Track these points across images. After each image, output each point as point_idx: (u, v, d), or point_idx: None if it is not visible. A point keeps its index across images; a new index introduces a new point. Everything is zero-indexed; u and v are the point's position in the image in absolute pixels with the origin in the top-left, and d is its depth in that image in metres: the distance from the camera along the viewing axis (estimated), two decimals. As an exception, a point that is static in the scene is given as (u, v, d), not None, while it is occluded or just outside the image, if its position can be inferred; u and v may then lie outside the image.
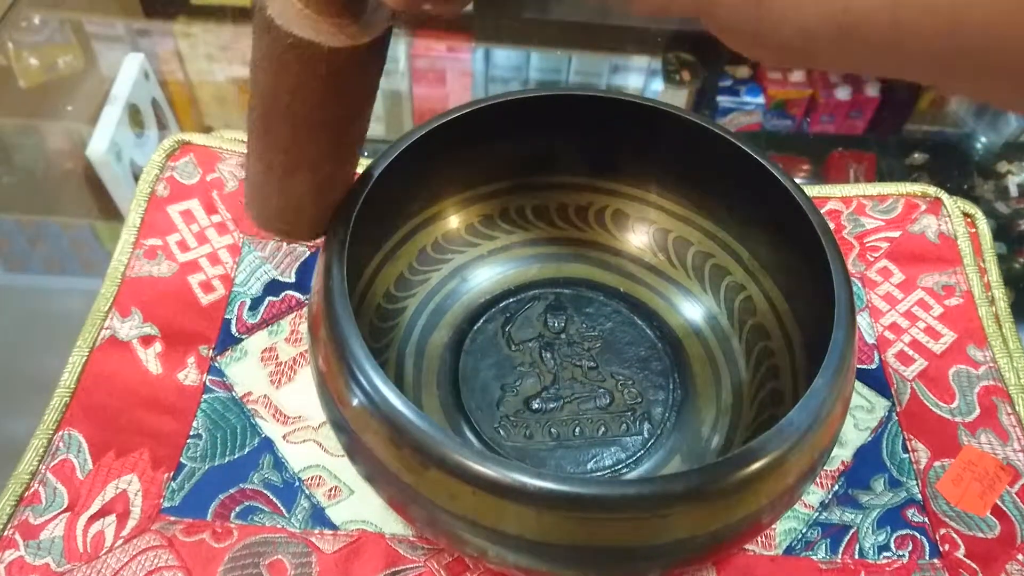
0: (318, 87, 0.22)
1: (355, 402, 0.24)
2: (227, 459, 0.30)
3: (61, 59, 0.64)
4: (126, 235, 0.34)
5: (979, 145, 0.68)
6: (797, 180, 0.30)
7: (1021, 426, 0.32)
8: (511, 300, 0.35)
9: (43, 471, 0.28)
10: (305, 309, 0.34)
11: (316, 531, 0.28)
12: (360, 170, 0.28)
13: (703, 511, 0.23)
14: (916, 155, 0.69)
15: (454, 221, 0.35)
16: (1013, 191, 0.62)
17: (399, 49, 0.81)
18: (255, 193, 0.26)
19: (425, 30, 0.66)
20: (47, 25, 0.66)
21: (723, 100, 0.83)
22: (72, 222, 0.54)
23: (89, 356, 0.31)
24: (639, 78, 0.85)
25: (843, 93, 0.84)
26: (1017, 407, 0.32)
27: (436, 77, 0.67)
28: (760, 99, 0.83)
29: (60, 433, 0.29)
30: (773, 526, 0.29)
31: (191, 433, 0.30)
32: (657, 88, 0.79)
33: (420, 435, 0.22)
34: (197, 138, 0.38)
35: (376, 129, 0.77)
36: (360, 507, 0.29)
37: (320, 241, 0.27)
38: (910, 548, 0.29)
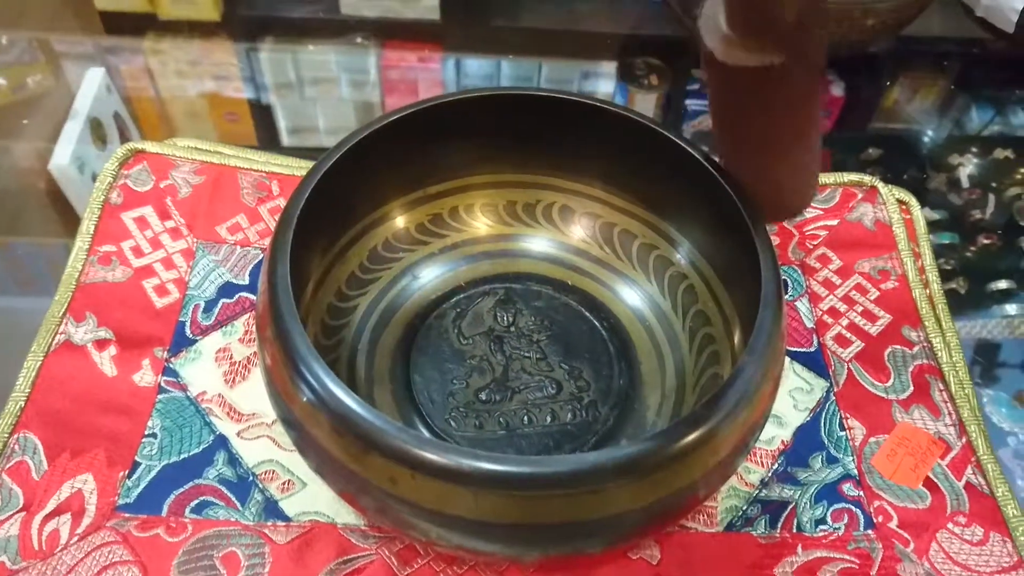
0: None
1: (302, 397, 0.25)
2: (182, 456, 0.30)
3: (30, 78, 0.65)
4: (80, 242, 0.35)
5: (927, 139, 0.70)
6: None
7: (952, 402, 0.33)
8: (462, 296, 0.36)
9: (-2, 473, 0.29)
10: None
11: (269, 523, 0.29)
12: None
13: (637, 485, 0.24)
14: (871, 150, 0.71)
15: (403, 221, 0.36)
16: (964, 182, 0.64)
17: (369, 60, 0.82)
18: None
19: (395, 40, 0.67)
20: (15, 45, 0.66)
21: (691, 103, 0.85)
22: (38, 240, 0.55)
23: (44, 361, 0.32)
24: (609, 83, 0.86)
25: (810, 93, 0.86)
26: (949, 383, 0.33)
27: (408, 88, 0.68)
28: (728, 101, 0.85)
29: (15, 436, 0.30)
30: (715, 504, 0.30)
31: (146, 432, 0.31)
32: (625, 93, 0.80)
33: (360, 423, 0.23)
34: (151, 146, 0.38)
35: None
36: (313, 499, 0.30)
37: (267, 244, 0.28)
38: (846, 521, 0.30)
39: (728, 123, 0.28)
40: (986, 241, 0.57)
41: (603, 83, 0.87)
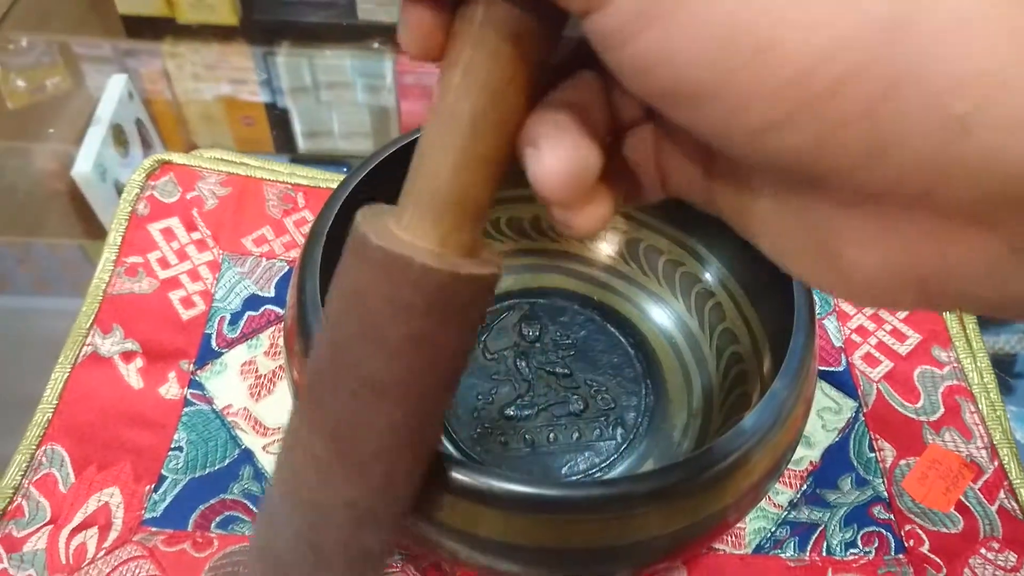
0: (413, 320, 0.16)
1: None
2: (208, 471, 0.30)
3: (49, 80, 0.65)
4: (107, 253, 0.35)
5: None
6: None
7: (984, 424, 0.32)
8: (487, 310, 0.35)
9: (26, 485, 0.29)
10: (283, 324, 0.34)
11: (295, 540, 0.29)
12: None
13: (668, 511, 0.23)
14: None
15: (430, 234, 0.36)
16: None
17: (385, 65, 0.82)
18: None
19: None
20: (35, 47, 0.67)
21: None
22: (59, 242, 0.55)
23: (71, 372, 0.32)
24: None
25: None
26: (980, 405, 0.33)
27: (423, 92, 0.68)
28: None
29: (43, 448, 0.30)
30: (743, 526, 0.30)
31: (172, 446, 0.31)
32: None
33: (390, 442, 0.23)
34: (177, 157, 0.38)
35: (363, 145, 0.78)
36: (338, 515, 0.30)
37: (295, 257, 0.28)
38: (876, 544, 0.30)
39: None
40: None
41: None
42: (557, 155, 0.14)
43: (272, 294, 0.36)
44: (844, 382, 0.34)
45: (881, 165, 0.10)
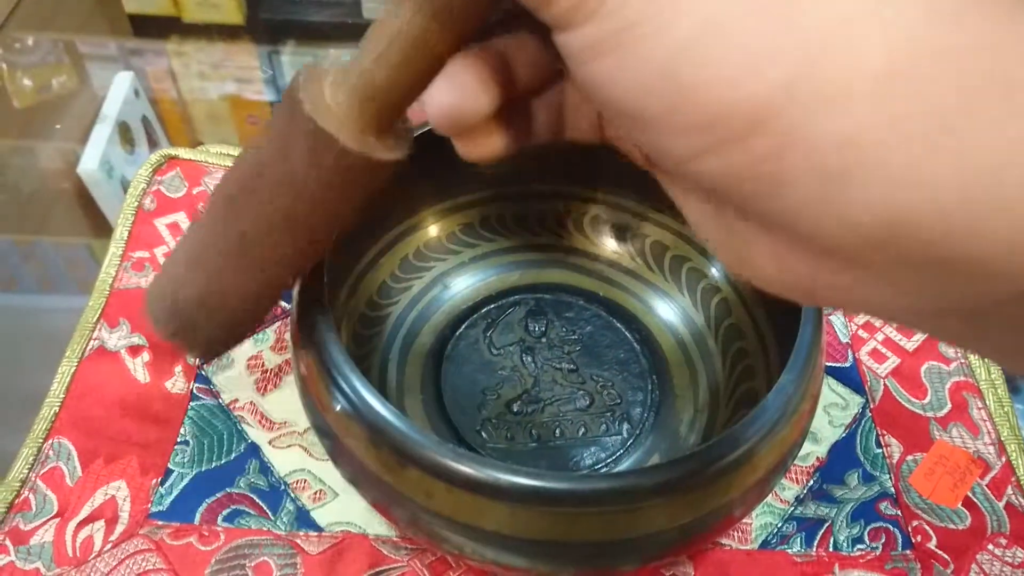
0: (327, 182, 0.20)
1: (336, 407, 0.24)
2: (214, 464, 0.30)
3: (55, 79, 0.65)
4: (114, 248, 0.35)
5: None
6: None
7: (991, 420, 0.32)
8: (492, 306, 0.35)
9: (33, 479, 0.29)
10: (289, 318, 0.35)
11: (301, 533, 0.29)
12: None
13: (675, 504, 0.23)
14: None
15: (435, 230, 0.36)
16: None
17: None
18: (168, 281, 0.23)
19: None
20: (40, 46, 0.67)
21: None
22: (66, 240, 0.55)
23: (78, 366, 0.32)
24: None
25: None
26: (987, 401, 0.33)
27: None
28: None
29: (50, 442, 0.30)
30: (749, 521, 0.30)
31: (179, 440, 0.31)
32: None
33: (397, 435, 0.23)
34: (184, 152, 0.38)
35: (367, 144, 0.78)
36: (344, 509, 0.30)
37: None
38: (883, 540, 0.30)
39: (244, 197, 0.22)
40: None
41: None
42: (443, 93, 0.17)
43: (278, 289, 0.36)
44: (851, 378, 0.34)
45: (779, 201, 0.12)
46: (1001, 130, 0.10)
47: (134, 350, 0.33)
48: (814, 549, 0.29)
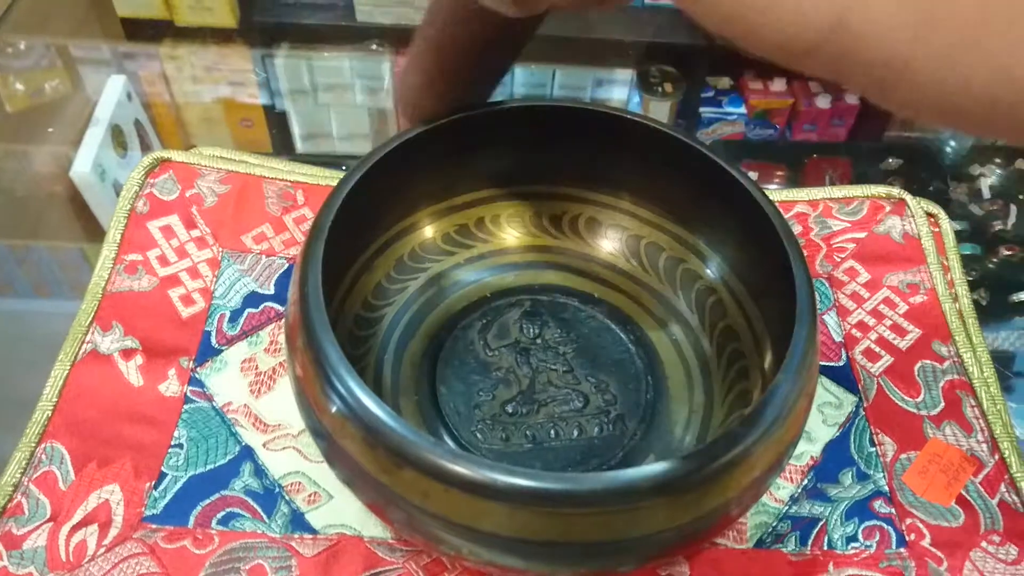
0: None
1: (332, 408, 0.24)
2: (208, 467, 0.30)
3: (48, 83, 0.65)
4: (106, 251, 0.35)
5: (950, 149, 0.70)
6: (773, 186, 0.31)
7: (984, 418, 0.33)
8: (488, 307, 0.35)
9: (25, 483, 0.29)
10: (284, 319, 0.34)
11: (296, 536, 0.29)
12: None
13: (672, 505, 0.23)
14: (891, 160, 0.70)
15: (430, 231, 0.36)
16: (985, 193, 0.63)
17: (383, 67, 0.82)
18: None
19: (409, 47, 0.67)
20: (33, 50, 0.67)
21: (706, 111, 0.85)
22: (59, 244, 0.55)
23: (70, 370, 0.32)
24: (623, 90, 0.85)
25: (823, 101, 0.85)
26: (980, 399, 0.33)
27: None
28: (742, 109, 0.85)
29: (42, 446, 0.30)
30: (744, 520, 0.30)
31: (172, 443, 0.31)
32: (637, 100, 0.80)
33: (393, 436, 0.23)
34: (176, 155, 0.38)
35: (361, 147, 0.78)
36: (339, 511, 0.30)
37: (297, 255, 0.28)
38: (877, 539, 0.30)
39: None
40: (1008, 252, 0.57)
41: (617, 90, 0.86)
42: None
43: (272, 291, 0.36)
44: (845, 377, 0.34)
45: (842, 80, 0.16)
46: None
47: (127, 353, 0.33)
48: (809, 548, 0.29)
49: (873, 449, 0.32)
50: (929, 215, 0.39)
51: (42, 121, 0.59)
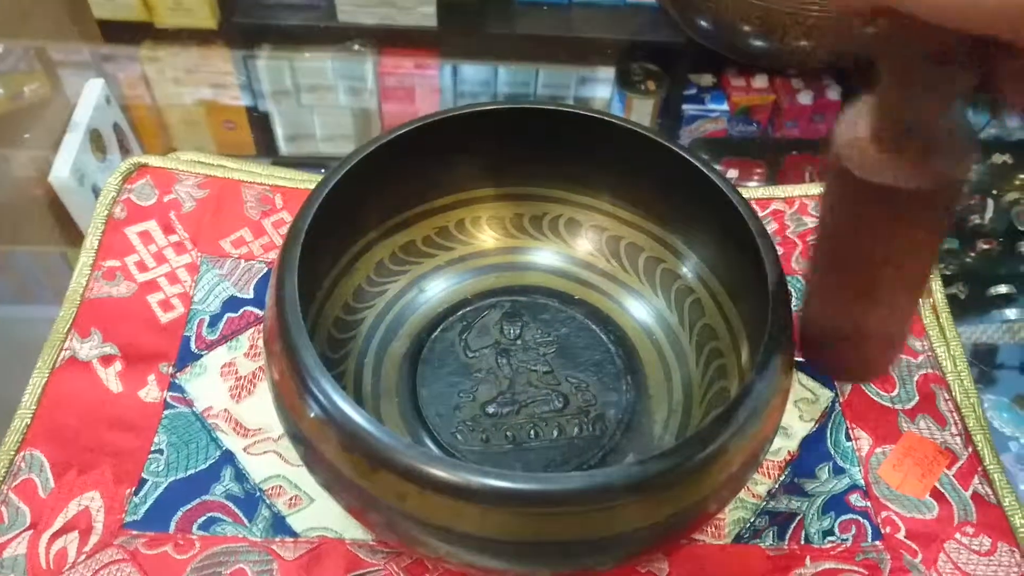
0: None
1: (310, 413, 0.25)
2: (189, 472, 0.30)
3: (27, 87, 0.64)
4: (84, 257, 0.35)
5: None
6: (751, 184, 0.31)
7: (958, 411, 0.33)
8: (468, 309, 0.36)
9: (5, 491, 0.29)
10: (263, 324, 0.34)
11: (277, 539, 0.29)
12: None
13: (649, 502, 0.24)
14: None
15: (411, 233, 0.36)
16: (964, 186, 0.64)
17: (366, 68, 0.82)
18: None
19: (392, 47, 0.67)
20: (11, 53, 0.66)
21: (688, 108, 0.85)
22: (40, 250, 0.54)
23: (49, 377, 0.32)
24: (606, 89, 0.86)
25: (805, 98, 0.86)
26: (954, 393, 0.33)
27: (405, 94, 0.68)
28: (724, 106, 0.85)
29: (21, 454, 0.30)
30: (723, 516, 0.30)
31: (152, 449, 0.31)
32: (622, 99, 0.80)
33: (369, 439, 0.23)
34: (154, 160, 0.38)
35: (345, 148, 0.78)
36: (320, 515, 0.30)
37: (274, 259, 0.28)
38: (853, 532, 0.30)
39: (836, 252, 0.24)
40: (985, 246, 0.57)
41: (600, 89, 0.86)
42: None
43: (251, 295, 0.36)
44: (821, 373, 0.35)
45: None
46: None
47: (106, 360, 0.32)
48: (786, 542, 0.30)
49: (849, 443, 0.33)
50: (904, 211, 0.40)
51: (20, 126, 0.59)
